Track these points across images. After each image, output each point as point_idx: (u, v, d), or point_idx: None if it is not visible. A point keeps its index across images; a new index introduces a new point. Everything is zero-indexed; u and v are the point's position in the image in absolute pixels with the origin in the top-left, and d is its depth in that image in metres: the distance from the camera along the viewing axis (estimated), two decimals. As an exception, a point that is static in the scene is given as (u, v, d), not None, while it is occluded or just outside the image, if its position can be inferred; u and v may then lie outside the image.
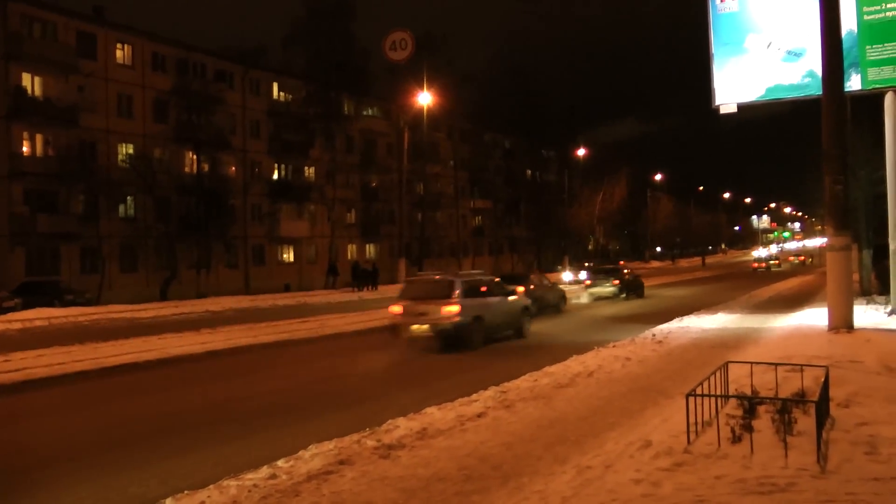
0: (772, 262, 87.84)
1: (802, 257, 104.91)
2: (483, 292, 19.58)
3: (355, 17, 60.64)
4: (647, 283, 43.21)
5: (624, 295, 36.36)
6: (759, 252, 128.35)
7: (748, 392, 7.65)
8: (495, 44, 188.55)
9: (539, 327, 22.28)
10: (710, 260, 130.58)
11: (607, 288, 36.31)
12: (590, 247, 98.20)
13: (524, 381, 12.02)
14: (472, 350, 17.93)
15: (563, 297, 30.26)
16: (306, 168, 62.23)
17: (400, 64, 55.71)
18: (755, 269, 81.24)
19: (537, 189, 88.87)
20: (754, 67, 18.81)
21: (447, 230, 77.47)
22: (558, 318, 26.64)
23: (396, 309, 18.71)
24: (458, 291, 18.38)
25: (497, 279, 22.38)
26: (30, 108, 41.92)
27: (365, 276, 51.74)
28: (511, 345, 19.34)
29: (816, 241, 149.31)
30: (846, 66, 16.44)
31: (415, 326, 18.19)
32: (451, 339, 18.04)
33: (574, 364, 13.79)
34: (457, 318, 17.90)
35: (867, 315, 18.58)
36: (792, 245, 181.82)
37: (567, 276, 56.23)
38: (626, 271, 39.96)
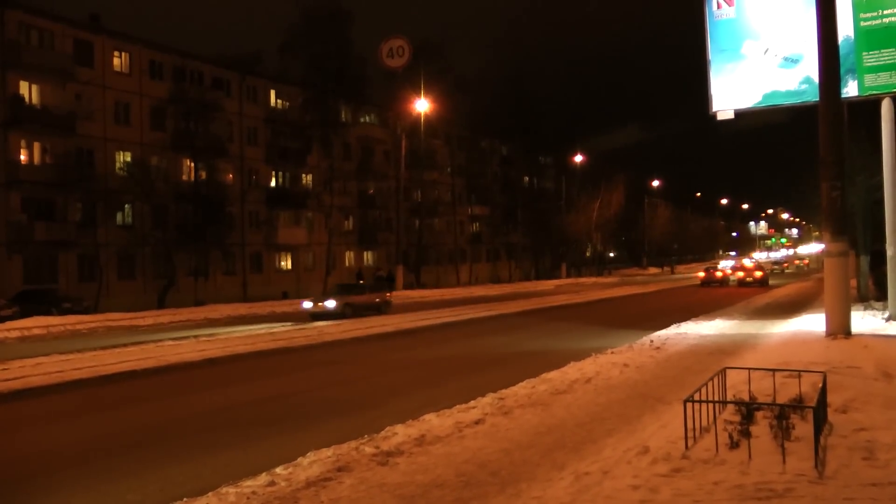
0: (783, 265, 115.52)
1: (806, 261, 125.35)
2: (764, 268, 64.64)
3: (352, 24, 60.79)
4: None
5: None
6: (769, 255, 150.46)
7: (746, 398, 7.65)
8: (492, 51, 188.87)
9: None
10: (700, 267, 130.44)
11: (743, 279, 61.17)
12: (587, 253, 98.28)
13: (522, 388, 12.01)
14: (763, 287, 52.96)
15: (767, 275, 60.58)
16: (304, 175, 62.32)
17: (397, 71, 55.95)
18: (772, 270, 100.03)
19: (535, 196, 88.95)
20: (751, 74, 18.87)
21: (445, 237, 77.51)
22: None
23: (736, 273, 62.43)
24: (761, 266, 65.91)
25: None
26: (27, 116, 41.92)
27: (382, 283, 52.19)
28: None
29: (807, 248, 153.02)
30: (843, 73, 16.50)
31: (749, 279, 57.71)
32: (757, 284, 55.55)
33: (572, 370, 13.78)
34: (761, 276, 58.28)
35: (865, 321, 18.62)
36: (781, 252, 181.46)
37: (306, 304, 33.76)
38: (763, 266, 67.78)
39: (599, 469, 6.86)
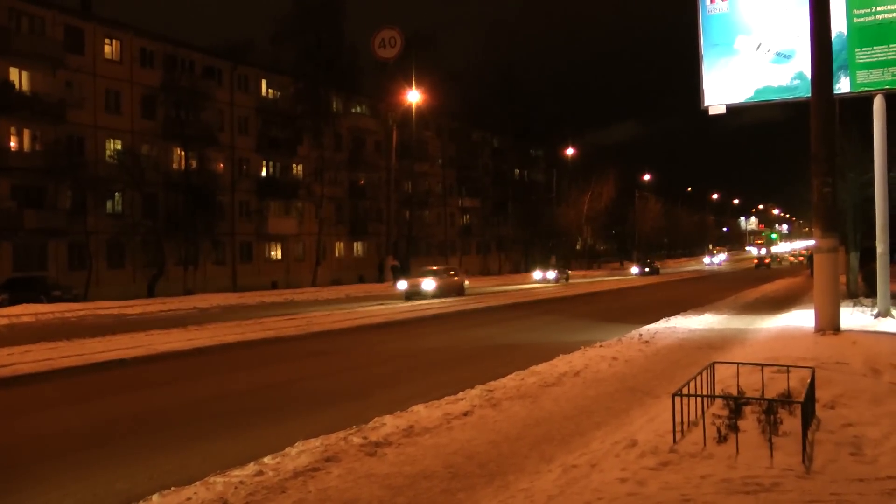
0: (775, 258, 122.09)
1: (807, 252, 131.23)
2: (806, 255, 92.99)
3: (345, 14, 60.65)
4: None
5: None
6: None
7: (734, 392, 7.66)
8: (485, 44, 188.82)
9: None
10: (691, 263, 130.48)
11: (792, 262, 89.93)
12: (577, 246, 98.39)
13: (511, 380, 12.00)
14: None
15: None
16: (294, 165, 62.24)
17: (389, 62, 55.88)
18: (768, 263, 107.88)
19: (525, 188, 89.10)
20: (744, 69, 18.85)
21: (435, 228, 77.53)
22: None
23: (790, 257, 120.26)
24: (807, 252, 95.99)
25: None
26: (17, 102, 41.76)
27: (396, 272, 53.30)
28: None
29: (782, 248, 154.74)
30: (835, 69, 16.48)
31: (791, 259, 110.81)
32: (800, 264, 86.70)
33: (561, 363, 13.78)
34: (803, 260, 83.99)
35: (854, 317, 18.64)
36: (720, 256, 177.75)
37: None
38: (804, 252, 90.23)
39: (587, 462, 6.87)
